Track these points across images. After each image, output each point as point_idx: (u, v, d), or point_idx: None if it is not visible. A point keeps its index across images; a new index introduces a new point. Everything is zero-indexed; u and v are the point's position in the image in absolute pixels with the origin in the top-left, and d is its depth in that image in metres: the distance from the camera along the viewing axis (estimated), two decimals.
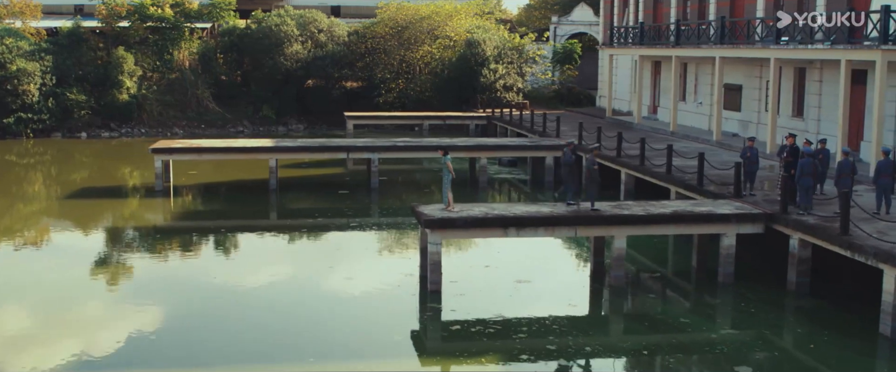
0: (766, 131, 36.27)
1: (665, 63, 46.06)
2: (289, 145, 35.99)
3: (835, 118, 32.17)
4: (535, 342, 17.92)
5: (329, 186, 36.79)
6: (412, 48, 58.28)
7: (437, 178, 39.84)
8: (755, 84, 37.43)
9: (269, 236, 28.96)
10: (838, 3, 31.64)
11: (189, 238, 27.96)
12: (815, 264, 21.36)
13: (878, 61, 26.66)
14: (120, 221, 31.02)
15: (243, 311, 20.05)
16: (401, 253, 26.14)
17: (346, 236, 28.47)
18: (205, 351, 17.58)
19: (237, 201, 33.81)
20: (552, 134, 40.19)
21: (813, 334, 18.74)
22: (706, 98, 41.92)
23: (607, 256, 22.72)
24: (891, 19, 26.60)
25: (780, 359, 17.42)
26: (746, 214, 22.16)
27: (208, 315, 19.88)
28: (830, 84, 32.40)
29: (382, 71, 58.50)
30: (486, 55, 56.38)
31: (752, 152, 24.69)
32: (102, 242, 27.71)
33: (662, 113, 46.66)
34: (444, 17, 58.59)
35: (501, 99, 55.80)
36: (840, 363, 17.31)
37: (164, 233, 28.68)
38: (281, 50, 56.99)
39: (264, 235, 29.16)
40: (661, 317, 20.13)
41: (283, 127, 57.36)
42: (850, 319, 19.52)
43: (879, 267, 18.30)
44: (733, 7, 38.99)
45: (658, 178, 28.76)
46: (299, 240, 28.33)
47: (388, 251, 26.67)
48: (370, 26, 59.95)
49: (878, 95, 26.90)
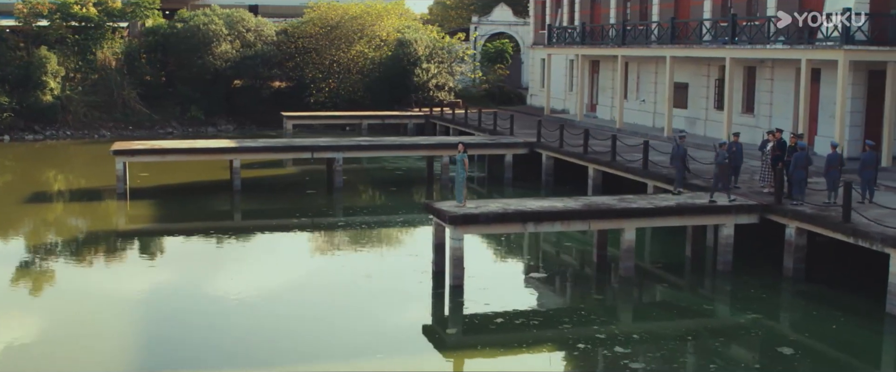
0: (714, 127, 38.03)
1: (604, 62, 47.48)
2: (252, 145, 35.75)
3: (786, 114, 34.03)
4: (564, 331, 18.66)
5: (293, 187, 36.72)
6: (343, 48, 58.27)
7: (398, 176, 40.45)
8: (702, 82, 39.07)
9: (259, 237, 28.76)
10: (790, 5, 33.42)
11: (174, 242, 27.62)
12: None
13: (841, 61, 28.36)
14: (97, 225, 30.18)
15: (262, 312, 20.07)
16: (404, 250, 26.52)
17: (340, 235, 28.53)
18: (216, 354, 17.54)
19: (203, 203, 33.41)
20: (505, 132, 40.97)
21: (823, 316, 19.95)
22: (649, 96, 43.45)
23: (608, 249, 23.66)
24: None
25: (805, 338, 18.51)
26: (744, 206, 23.36)
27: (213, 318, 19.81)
28: (782, 82, 34.17)
29: (313, 71, 58.32)
30: (418, 55, 56.93)
31: (737, 147, 25.93)
32: (100, 251, 26.77)
33: (602, 111, 48.05)
34: (374, 17, 58.79)
35: (434, 98, 56.45)
36: (857, 339, 18.53)
37: (150, 236, 28.18)
38: (209, 49, 56.21)
39: (248, 235, 28.93)
40: (683, 304, 21.17)
41: (213, 127, 56.54)
42: (853, 301, 20.83)
43: (886, 251, 19.63)
44: (678, 8, 40.55)
45: (634, 174, 29.77)
46: (291, 239, 28.32)
47: (392, 249, 26.98)
48: (299, 26, 59.68)
49: (840, 93, 28.61)
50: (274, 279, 22.91)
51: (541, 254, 26.19)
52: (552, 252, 26.47)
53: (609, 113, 46.92)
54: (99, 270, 24.31)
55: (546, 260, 25.62)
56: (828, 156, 23.66)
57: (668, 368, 16.57)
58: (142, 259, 25.47)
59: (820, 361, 17.45)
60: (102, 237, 28.07)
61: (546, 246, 26.76)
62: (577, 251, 26.28)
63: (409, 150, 38.33)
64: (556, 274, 24.27)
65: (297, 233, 29.03)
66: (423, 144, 37.51)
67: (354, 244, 27.24)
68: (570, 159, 34.43)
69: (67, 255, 25.84)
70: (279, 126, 54.38)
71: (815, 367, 17.18)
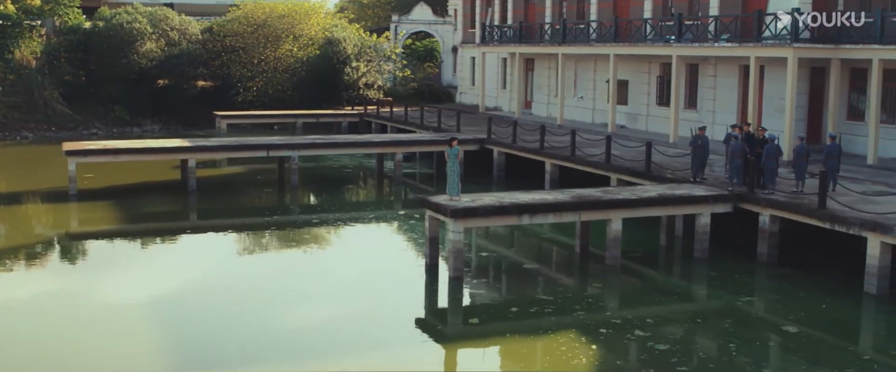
0: (656, 123, 39.47)
1: (539, 60, 48.57)
2: (207, 144, 35.53)
3: (730, 109, 35.66)
4: (579, 317, 19.49)
5: (247, 186, 36.56)
6: (271, 46, 57.93)
7: (348, 174, 40.63)
8: (643, 79, 40.48)
9: (233, 236, 28.66)
10: (733, 6, 35.04)
11: (152, 242, 27.31)
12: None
13: (790, 58, 29.97)
14: (61, 228, 29.52)
15: (263, 309, 20.24)
16: (388, 245, 26.92)
17: (316, 233, 28.62)
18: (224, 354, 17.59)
19: (161, 203, 33.02)
20: (450, 129, 41.54)
21: (808, 297, 21.14)
22: (588, 93, 44.71)
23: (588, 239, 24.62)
24: None
25: (800, 317, 19.62)
26: (719, 196, 24.54)
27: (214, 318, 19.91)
28: (725, 78, 35.77)
29: (240, 69, 57.80)
30: (347, 53, 57.09)
31: (704, 140, 27.14)
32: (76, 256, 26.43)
33: (537, 108, 49.13)
34: (302, 16, 58.64)
35: (364, 97, 56.71)
36: (841, 315, 19.80)
37: (124, 237, 27.72)
38: (133, 48, 55.17)
39: (221, 234, 28.82)
40: (678, 290, 22.27)
41: (138, 128, 55.48)
42: (829, 282, 22.15)
43: (863, 235, 21.03)
44: (617, 8, 41.87)
45: (596, 168, 30.74)
46: (270, 237, 28.24)
47: (376, 244, 27.28)
48: (225, 24, 59.07)
49: (790, 88, 30.21)
50: (271, 278, 23.00)
51: (525, 246, 26.88)
52: (535, 244, 27.16)
53: (545, 110, 48.04)
54: (87, 273, 23.93)
55: (532, 252, 26.36)
56: (795, 147, 25.09)
57: (687, 349, 17.47)
58: (134, 262, 25.14)
59: (818, 338, 18.59)
60: (76, 239, 27.55)
61: (528, 238, 27.43)
62: (559, 243, 27.00)
63: (364, 147, 38.59)
64: (546, 265, 25.04)
65: (275, 231, 28.84)
66: (377, 142, 37.88)
67: (335, 241, 27.46)
68: (525, 155, 35.24)
69: (38, 258, 25.31)
70: (207, 126, 53.85)
71: (815, 343, 18.31)
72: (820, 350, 18.03)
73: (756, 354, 17.31)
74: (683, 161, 29.45)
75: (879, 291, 20.60)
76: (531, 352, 17.52)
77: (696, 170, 26.61)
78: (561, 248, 26.44)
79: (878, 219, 20.80)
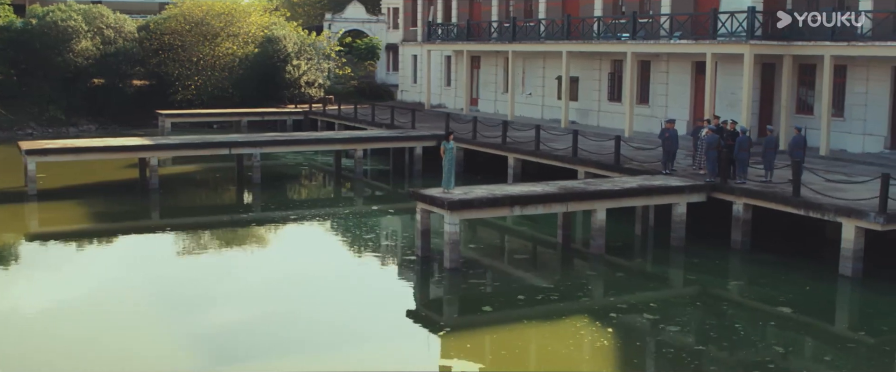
0: (607, 118, 40.60)
1: (485, 58, 49.33)
2: (169, 142, 35.24)
3: (682, 104, 36.98)
4: (583, 303, 20.35)
5: (209, 184, 36.40)
6: (209, 44, 57.41)
7: (306, 171, 40.68)
8: (594, 76, 41.56)
9: (211, 234, 28.51)
10: (685, 4, 36.33)
11: (138, 240, 27.14)
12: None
13: (747, 54, 31.31)
14: (30, 228, 29.04)
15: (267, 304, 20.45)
16: (376, 238, 27.20)
17: (295, 229, 28.77)
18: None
19: (127, 203, 32.56)
20: (403, 126, 42.00)
21: (788, 279, 22.28)
22: (537, 90, 45.64)
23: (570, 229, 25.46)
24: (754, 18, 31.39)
25: (790, 298, 20.72)
26: (694, 186, 25.58)
27: None
28: (677, 74, 37.06)
29: (178, 68, 57.11)
30: (288, 51, 56.99)
31: (672, 133, 28.17)
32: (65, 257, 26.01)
33: (483, 104, 49.87)
34: (240, 13, 58.26)
35: (305, 95, 56.71)
36: (826, 296, 20.99)
37: (103, 236, 27.45)
38: (69, 46, 54.07)
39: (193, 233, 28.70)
40: (665, 276, 23.17)
41: (74, 128, 54.34)
42: (804, 266, 23.35)
43: (838, 220, 22.26)
44: (565, 6, 42.89)
45: (563, 161, 31.55)
46: (262, 233, 28.29)
47: (362, 238, 27.48)
48: (162, 22, 58.28)
49: (747, 83, 31.55)
50: (259, 274, 23.11)
51: (506, 238, 27.53)
52: (515, 236, 27.77)
53: (492, 107, 48.84)
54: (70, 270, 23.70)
55: (515, 244, 27.04)
56: (765, 139, 26.29)
57: (701, 329, 18.34)
58: (127, 259, 24.94)
59: (812, 317, 19.68)
60: (49, 239, 27.14)
61: (507, 231, 28.07)
62: (539, 234, 27.64)
63: (326, 144, 38.77)
64: (532, 255, 25.72)
65: (250, 228, 28.90)
66: (338, 139, 38.13)
67: (316, 237, 27.66)
68: (487, 150, 35.90)
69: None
70: (145, 125, 53.23)
71: (810, 322, 19.39)
72: (818, 328, 19.15)
73: (762, 333, 18.25)
74: (646, 154, 30.55)
75: (854, 273, 21.81)
76: (542, 336, 18.12)
77: (665, 161, 27.65)
78: (542, 239, 27.12)
79: (852, 205, 22.05)
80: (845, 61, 31.31)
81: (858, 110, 31.63)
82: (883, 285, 21.40)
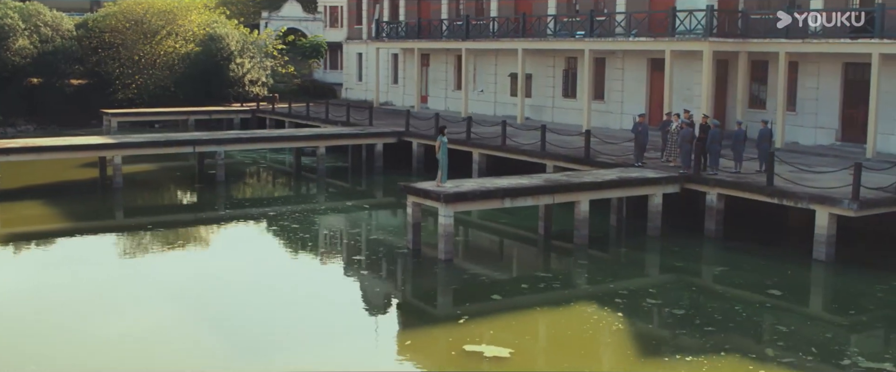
0: (561, 114, 41.58)
1: (434, 56, 49.89)
2: (132, 141, 34.91)
3: (637, 99, 38.14)
4: (581, 290, 21.16)
5: (172, 182, 36.17)
6: (151, 42, 56.70)
7: (265, 168, 40.69)
8: (548, 72, 42.49)
9: (183, 231, 28.39)
10: (640, 2, 37.47)
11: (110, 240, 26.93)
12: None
13: (706, 51, 32.53)
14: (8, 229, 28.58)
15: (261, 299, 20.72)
16: (360, 232, 27.54)
17: (276, 225, 28.80)
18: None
19: (93, 203, 32.27)
20: (360, 123, 42.29)
21: (767, 264, 23.35)
22: (489, 87, 46.38)
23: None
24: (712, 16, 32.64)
25: (747, 279, 21.68)
26: (669, 177, 26.58)
27: None
28: (632, 71, 38.19)
29: (118, 66, 56.27)
30: (231, 50, 56.69)
31: (644, 127, 29.18)
32: None
33: (433, 102, 50.41)
34: (181, 11, 57.68)
35: (249, 93, 56.51)
36: (789, 278, 22.00)
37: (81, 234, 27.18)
38: (5, 45, 52.89)
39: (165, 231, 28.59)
40: (651, 263, 24.08)
41: (12, 128, 53.05)
42: (779, 252, 24.51)
43: (812, 208, 23.46)
44: (518, 4, 43.72)
45: (531, 156, 32.29)
46: (248, 230, 28.34)
47: (346, 233, 27.81)
48: (101, 19, 57.33)
49: (706, 78, 32.77)
50: (249, 271, 23.25)
51: (487, 231, 28.12)
52: (496, 229, 28.27)
53: (442, 104, 49.42)
54: None
55: (498, 236, 27.64)
56: (734, 132, 27.46)
57: (705, 312, 19.24)
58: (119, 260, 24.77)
59: (797, 299, 20.79)
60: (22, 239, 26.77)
61: (487, 224, 28.66)
62: (520, 227, 28.28)
63: (288, 142, 38.83)
64: (519, 247, 26.37)
65: (224, 227, 28.96)
66: (301, 136, 38.28)
67: (300, 233, 27.80)
68: (451, 146, 36.35)
69: None
70: (85, 125, 52.39)
71: (797, 303, 20.48)
72: (806, 308, 20.27)
73: (758, 313, 19.24)
74: (611, 148, 31.52)
75: (828, 257, 23.02)
76: (558, 321, 18.78)
77: (638, 154, 28.62)
78: (523, 231, 27.78)
79: (825, 193, 23.28)
80: (798, 58, 32.76)
81: (810, 104, 33.13)
82: (853, 269, 22.60)
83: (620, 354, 16.59)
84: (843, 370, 15.73)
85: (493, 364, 15.76)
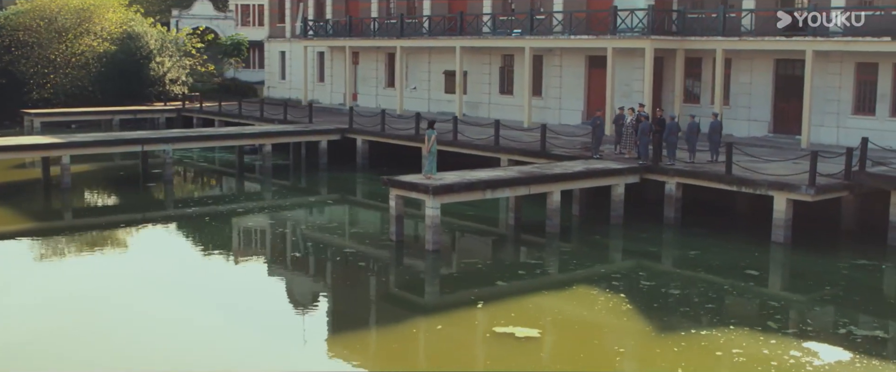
0: (498, 110, 42.70)
1: (364, 54, 50.36)
2: (81, 140, 34.33)
3: (576, 95, 39.56)
4: (575, 273, 22.26)
5: (118, 182, 35.74)
6: (67, 41, 55.35)
7: (211, 167, 40.48)
8: (484, 70, 43.54)
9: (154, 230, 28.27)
10: (577, 2, 38.89)
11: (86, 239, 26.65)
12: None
13: (648, 48, 34.13)
14: None
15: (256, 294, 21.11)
16: (340, 226, 27.93)
17: (250, 220, 28.98)
18: None
19: (45, 203, 31.74)
20: (299, 121, 42.50)
21: (731, 248, 24.90)
22: (422, 84, 47.16)
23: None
24: None
25: (720, 262, 23.21)
26: (631, 168, 27.96)
27: None
28: (570, 68, 39.60)
29: (33, 65, 54.74)
30: (150, 48, 55.89)
31: (601, 121, 30.47)
32: None
33: (363, 99, 50.83)
34: (97, 9, 56.48)
35: (169, 92, 55.84)
36: (757, 260, 23.54)
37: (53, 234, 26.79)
38: None
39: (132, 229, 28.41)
40: (627, 249, 25.34)
41: None
42: (739, 236, 26.10)
43: (770, 194, 25.15)
44: (451, 5, 44.64)
45: (485, 150, 33.22)
46: (235, 228, 28.31)
47: (326, 227, 28.11)
48: (13, 17, 55.62)
49: (647, 74, 34.34)
50: (239, 266, 23.58)
51: (458, 222, 28.89)
52: (467, 220, 29.00)
53: (373, 101, 49.93)
54: None
55: (471, 227, 28.46)
56: (688, 124, 29.03)
57: (701, 291, 20.54)
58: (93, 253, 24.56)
59: (766, 276, 22.42)
60: None
61: (455, 217, 29.43)
62: (484, 219, 29.19)
63: (235, 140, 38.76)
64: (494, 237, 27.30)
65: (193, 224, 28.92)
66: (248, 134, 38.34)
67: (288, 228, 28.07)
68: (397, 142, 37.10)
69: None
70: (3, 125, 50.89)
71: (771, 281, 22.09)
72: (779, 283, 21.91)
73: (742, 291, 20.71)
74: (558, 141, 32.72)
75: (785, 240, 24.74)
76: (565, 302, 19.77)
77: (595, 146, 29.93)
78: (490, 224, 28.70)
79: (783, 179, 25.01)
80: (731, 55, 34.67)
81: (744, 99, 35.11)
82: (811, 250, 24.33)
83: (639, 331, 17.66)
84: (842, 339, 17.18)
85: (528, 344, 16.61)
